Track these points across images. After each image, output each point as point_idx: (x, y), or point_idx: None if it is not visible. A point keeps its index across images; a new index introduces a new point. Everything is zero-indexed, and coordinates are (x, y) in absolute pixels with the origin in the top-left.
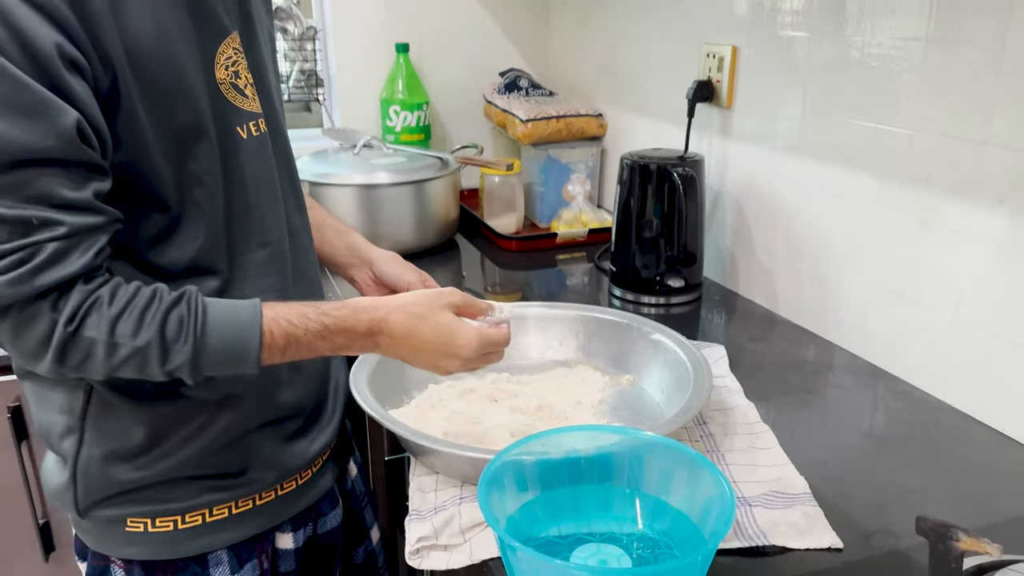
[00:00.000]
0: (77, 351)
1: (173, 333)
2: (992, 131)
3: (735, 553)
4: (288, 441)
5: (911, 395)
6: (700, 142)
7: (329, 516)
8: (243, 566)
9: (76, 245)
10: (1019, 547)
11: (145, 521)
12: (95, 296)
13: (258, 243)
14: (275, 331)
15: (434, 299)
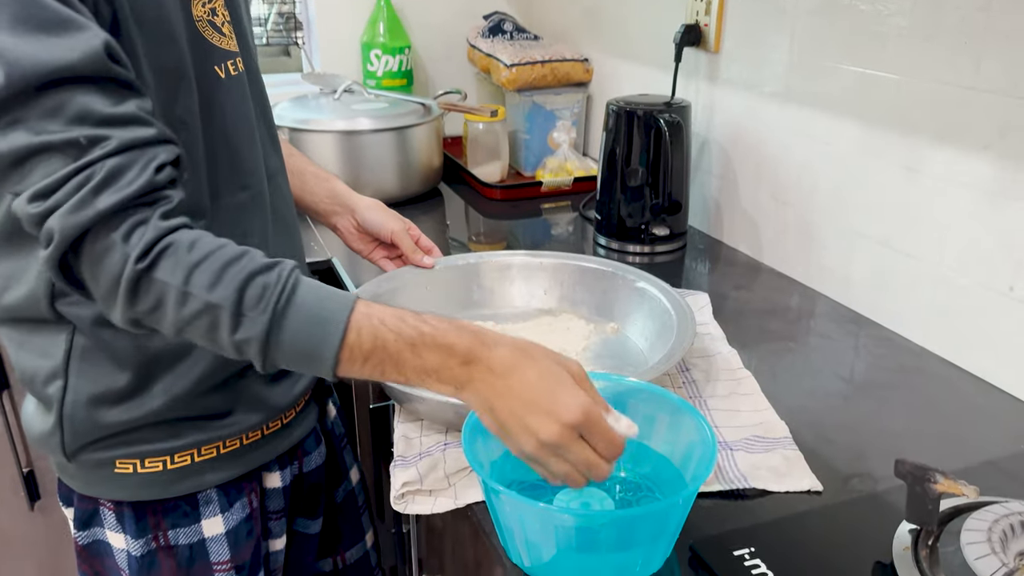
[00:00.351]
0: (149, 294)
1: (253, 299)
2: (981, 76)
3: (716, 496)
4: (272, 383)
5: (892, 342)
6: (687, 88)
7: (313, 455)
8: (232, 505)
9: (132, 161)
10: (995, 489)
11: (134, 462)
12: (174, 237)
13: (239, 185)
14: (363, 329)
15: (553, 352)
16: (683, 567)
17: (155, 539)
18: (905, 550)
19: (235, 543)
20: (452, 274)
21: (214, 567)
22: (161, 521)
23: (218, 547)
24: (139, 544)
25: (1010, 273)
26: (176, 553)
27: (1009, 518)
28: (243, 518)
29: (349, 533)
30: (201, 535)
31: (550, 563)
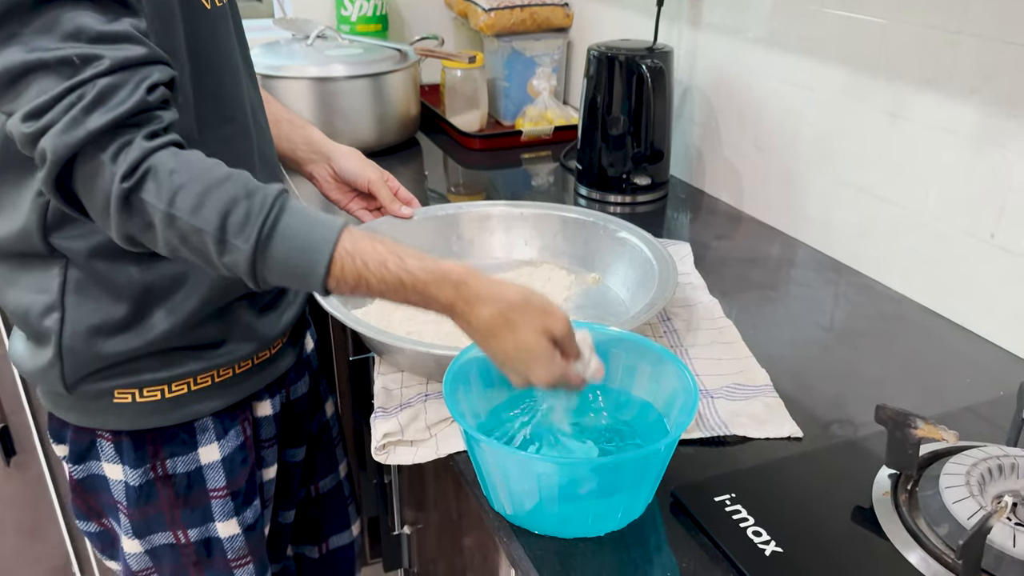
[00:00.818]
0: (138, 214)
1: (236, 225)
2: (968, 19)
3: (697, 443)
4: (261, 313)
5: (873, 289)
6: (669, 33)
7: (299, 384)
8: (227, 433)
9: (124, 81)
10: (974, 434)
11: (133, 392)
12: (158, 157)
13: (224, 118)
14: (346, 266)
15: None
16: (665, 513)
17: (153, 469)
18: (885, 495)
19: (230, 470)
20: (432, 225)
21: (210, 494)
22: (160, 450)
23: (214, 474)
24: (137, 474)
25: (992, 220)
26: (174, 482)
27: (987, 462)
28: (237, 446)
29: (323, 463)
30: (198, 462)
31: (532, 511)
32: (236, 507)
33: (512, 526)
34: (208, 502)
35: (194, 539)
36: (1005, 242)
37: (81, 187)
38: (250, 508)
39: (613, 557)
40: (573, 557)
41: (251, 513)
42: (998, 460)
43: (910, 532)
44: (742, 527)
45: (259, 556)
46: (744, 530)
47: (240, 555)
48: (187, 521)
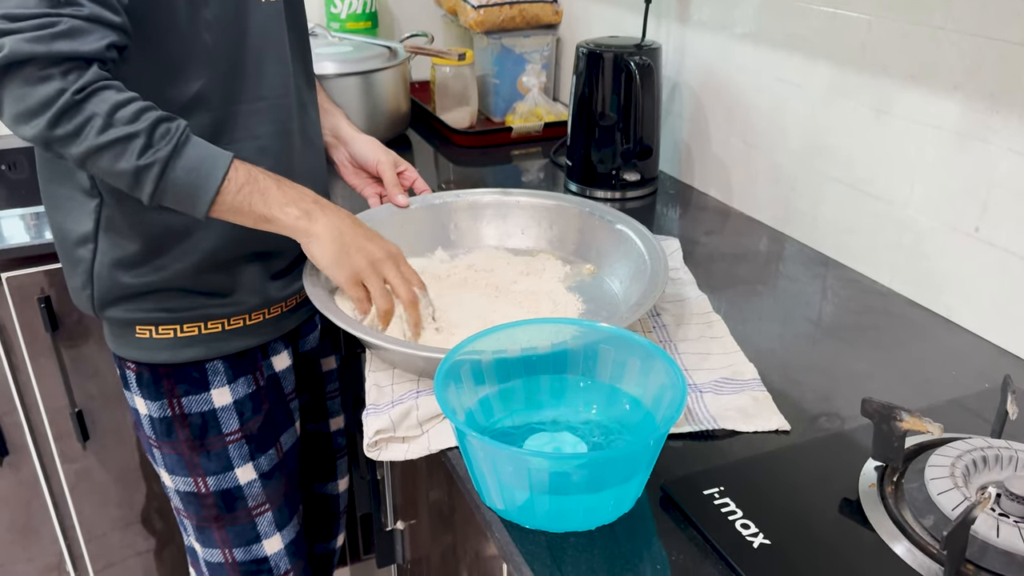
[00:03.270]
0: (74, 120)
1: (160, 134)
2: (951, 15)
3: (686, 437)
4: (272, 278)
5: (860, 283)
6: (658, 30)
7: (309, 337)
8: (237, 379)
9: (93, 29)
10: (959, 426)
11: (150, 328)
12: (108, 81)
13: (255, 96)
14: (239, 167)
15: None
16: (654, 506)
17: (171, 405)
18: (871, 487)
19: (242, 413)
20: (429, 213)
21: (225, 437)
22: (174, 387)
23: (227, 416)
24: (157, 407)
25: (976, 214)
26: (190, 422)
27: (972, 454)
28: (248, 392)
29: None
30: (211, 404)
31: (524, 506)
32: (251, 451)
33: (504, 521)
34: (225, 447)
35: (213, 488)
36: (989, 236)
37: (18, 86)
38: (265, 456)
39: (604, 551)
40: (564, 551)
41: (266, 461)
42: (982, 452)
43: (896, 524)
44: (731, 520)
45: (277, 504)
46: (733, 523)
47: (259, 502)
48: (206, 467)
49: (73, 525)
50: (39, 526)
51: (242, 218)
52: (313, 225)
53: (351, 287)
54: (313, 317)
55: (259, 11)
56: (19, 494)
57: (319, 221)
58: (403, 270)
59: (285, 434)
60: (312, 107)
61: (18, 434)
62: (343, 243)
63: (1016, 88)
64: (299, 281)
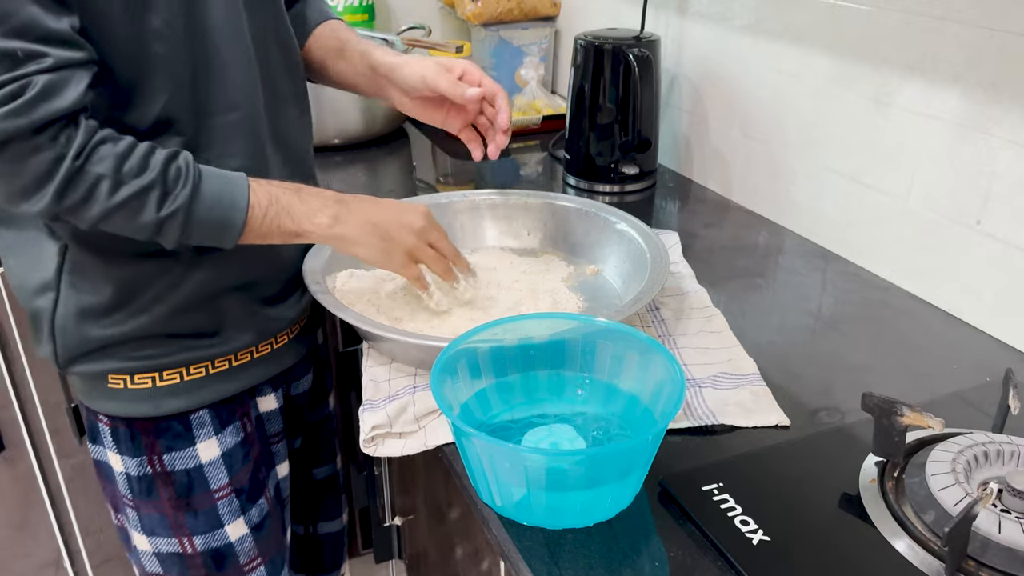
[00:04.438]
0: (81, 187)
1: (173, 177)
2: (952, 6)
3: (685, 432)
4: (264, 304)
5: (859, 277)
6: (657, 22)
7: (302, 380)
8: (225, 427)
9: (66, 79)
10: (960, 421)
11: (124, 378)
12: (101, 135)
13: (227, 106)
14: (258, 188)
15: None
16: (653, 502)
17: (150, 463)
18: (871, 482)
19: (231, 466)
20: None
21: (214, 494)
22: (155, 443)
23: (216, 471)
24: (136, 464)
25: (977, 207)
26: (174, 480)
27: (973, 449)
28: (238, 441)
29: (322, 453)
30: (198, 460)
31: (521, 502)
32: (242, 504)
33: (501, 517)
34: (213, 504)
35: (201, 548)
36: (991, 228)
37: (4, 168)
38: (255, 507)
39: (602, 547)
40: (562, 548)
41: (256, 512)
42: (984, 447)
43: (897, 519)
44: (730, 516)
45: (270, 556)
46: (732, 519)
47: (251, 557)
48: (192, 527)
49: (70, 520)
50: (36, 522)
51: (270, 240)
52: (346, 228)
53: (406, 269)
54: (306, 358)
55: (216, 6)
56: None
57: (349, 222)
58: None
59: (271, 480)
60: (293, 103)
61: (14, 429)
62: (381, 233)
63: (1017, 79)
64: (295, 307)
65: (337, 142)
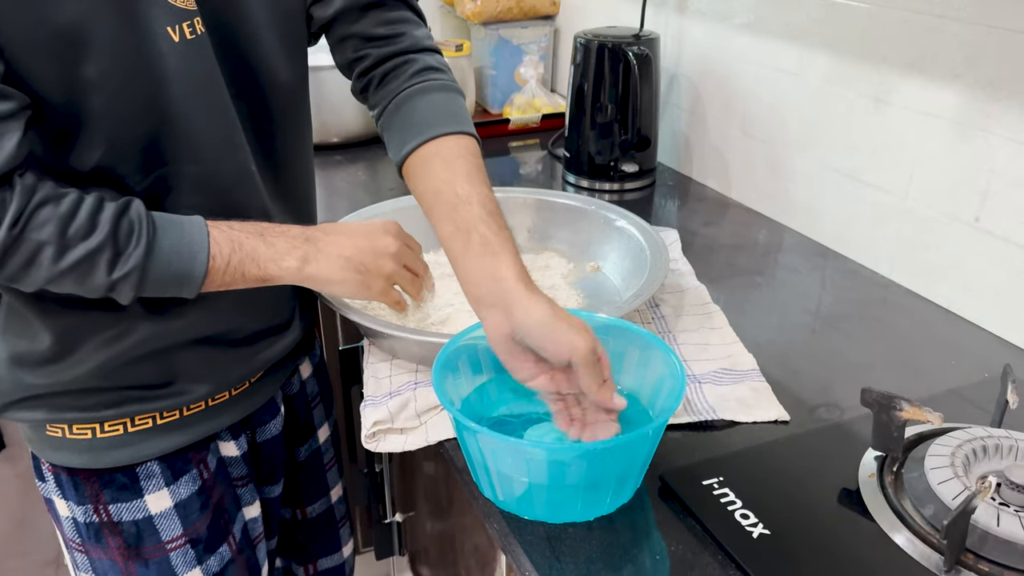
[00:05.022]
0: (20, 255)
1: (125, 235)
2: (951, 4)
3: (685, 428)
4: (224, 353)
5: (859, 274)
6: (656, 20)
7: (269, 425)
8: (179, 478)
9: None
10: (958, 416)
11: (62, 427)
12: (40, 196)
13: (185, 157)
14: (219, 236)
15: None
16: (653, 497)
17: (96, 512)
18: (871, 476)
19: (186, 516)
20: None
21: (166, 545)
22: (100, 493)
23: (167, 523)
24: (82, 512)
25: (976, 204)
26: (122, 531)
27: (971, 443)
28: (194, 491)
29: (312, 489)
30: (147, 512)
31: (522, 497)
32: (198, 555)
33: (502, 512)
34: (166, 555)
35: None
36: (989, 226)
37: None
38: (215, 556)
39: (603, 541)
40: (563, 542)
41: (216, 561)
42: (982, 441)
43: (896, 513)
44: (730, 510)
45: None
46: (732, 513)
47: None
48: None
49: None
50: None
51: (236, 287)
52: (318, 268)
53: (385, 296)
54: (273, 400)
55: (174, 54)
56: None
57: (320, 262)
58: (412, 246)
59: (236, 523)
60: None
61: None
62: (356, 266)
63: (1016, 77)
64: (264, 353)
65: (337, 141)
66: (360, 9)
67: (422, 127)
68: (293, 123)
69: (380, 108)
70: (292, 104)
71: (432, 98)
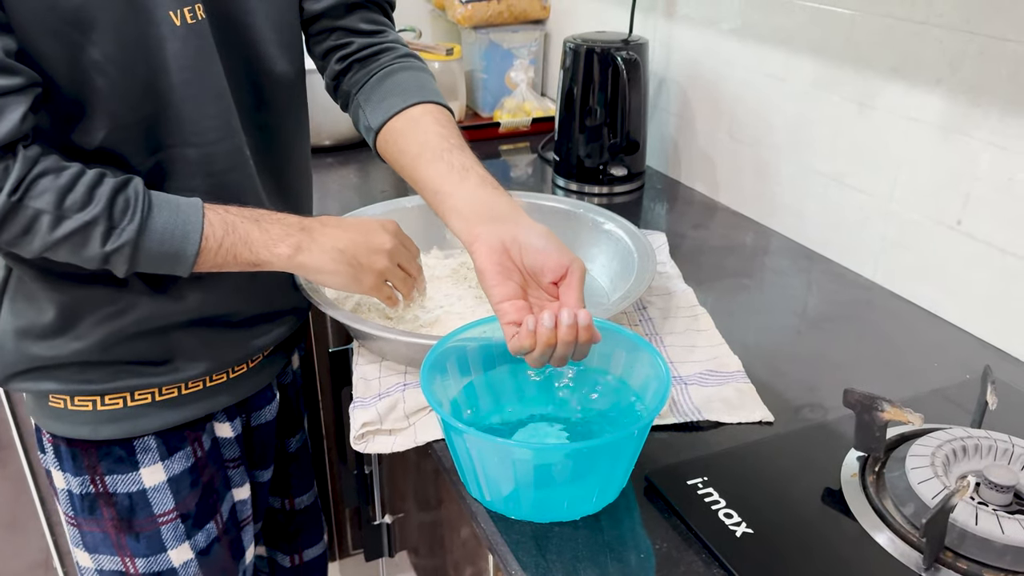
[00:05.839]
0: (19, 222)
1: (120, 210)
2: (933, 10)
3: (671, 428)
4: (222, 334)
5: (844, 277)
6: (645, 25)
7: (264, 410)
8: (173, 454)
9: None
10: (940, 417)
11: (64, 399)
12: (41, 167)
13: (181, 141)
14: (214, 218)
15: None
16: (639, 496)
17: (93, 483)
18: (853, 476)
19: (177, 491)
20: (424, 213)
21: (158, 518)
22: (97, 464)
23: (160, 497)
24: (78, 483)
25: (958, 207)
26: (116, 502)
27: (952, 443)
28: (187, 467)
29: (300, 482)
30: (141, 484)
31: (510, 496)
32: (187, 530)
33: (489, 512)
34: (157, 528)
35: (143, 571)
36: (971, 229)
37: None
38: (202, 532)
39: (589, 540)
40: (549, 541)
41: (203, 537)
42: (962, 441)
43: (877, 513)
44: (714, 510)
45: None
46: (716, 512)
47: None
48: (134, 550)
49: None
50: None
51: (228, 269)
52: (310, 258)
53: (377, 292)
54: (270, 386)
55: (175, 38)
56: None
57: (313, 251)
58: (408, 247)
59: (224, 502)
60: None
61: (4, 429)
62: (349, 259)
63: (997, 82)
64: (261, 337)
65: (329, 143)
66: (347, 7)
67: (410, 93)
68: (290, 116)
69: (359, 85)
70: (289, 97)
71: (417, 74)
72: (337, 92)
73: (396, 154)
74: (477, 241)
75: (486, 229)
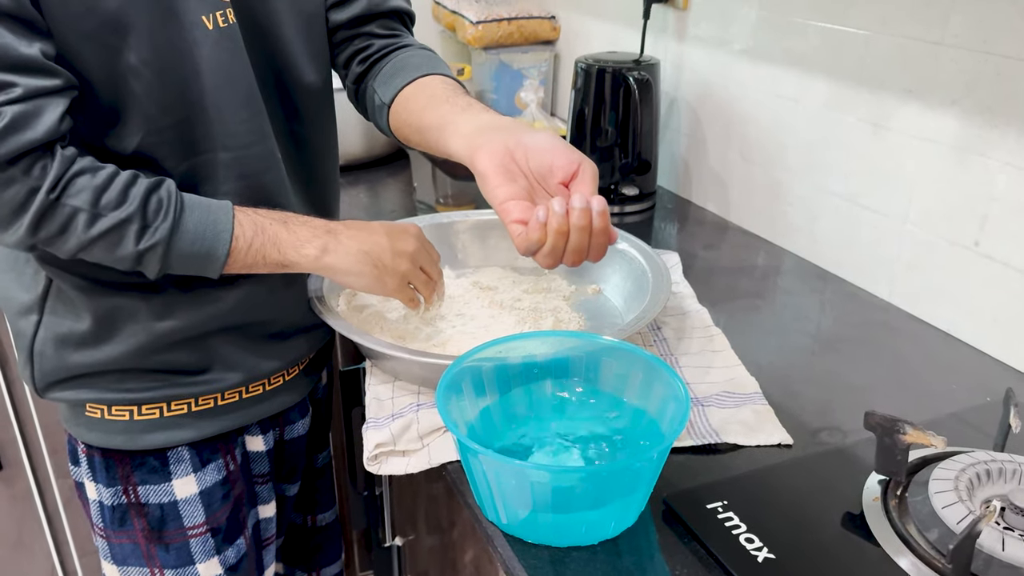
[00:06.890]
0: (56, 220)
1: (154, 210)
2: (948, 31)
3: (688, 451)
4: (259, 344)
5: (859, 297)
6: (656, 46)
7: (297, 424)
8: (206, 465)
9: (39, 109)
10: (961, 439)
11: (102, 408)
12: (78, 166)
13: (214, 146)
14: (244, 220)
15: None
16: (657, 521)
17: (125, 493)
18: (875, 500)
19: (209, 505)
20: (436, 232)
21: (188, 531)
22: (131, 474)
23: (191, 509)
24: (110, 494)
25: (975, 228)
26: (147, 513)
27: (975, 467)
28: (218, 480)
29: (324, 498)
30: (172, 496)
31: (526, 520)
32: (217, 545)
33: (506, 535)
34: (186, 541)
35: None
36: (989, 250)
37: None
38: (232, 547)
39: (607, 565)
40: (567, 566)
41: (233, 552)
42: (986, 465)
43: (900, 537)
44: (734, 534)
45: None
46: (736, 537)
47: None
48: (164, 561)
49: (66, 540)
50: (32, 541)
51: (257, 270)
52: (336, 259)
53: (400, 293)
54: (303, 401)
55: (207, 41)
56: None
57: (339, 252)
58: (431, 252)
59: (251, 517)
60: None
61: (13, 449)
62: (374, 261)
63: (1014, 102)
64: (294, 349)
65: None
66: (370, 17)
67: (421, 68)
68: (319, 129)
69: (375, 75)
70: (318, 108)
71: (428, 54)
72: (358, 95)
73: (405, 116)
74: (479, 150)
75: (487, 138)
